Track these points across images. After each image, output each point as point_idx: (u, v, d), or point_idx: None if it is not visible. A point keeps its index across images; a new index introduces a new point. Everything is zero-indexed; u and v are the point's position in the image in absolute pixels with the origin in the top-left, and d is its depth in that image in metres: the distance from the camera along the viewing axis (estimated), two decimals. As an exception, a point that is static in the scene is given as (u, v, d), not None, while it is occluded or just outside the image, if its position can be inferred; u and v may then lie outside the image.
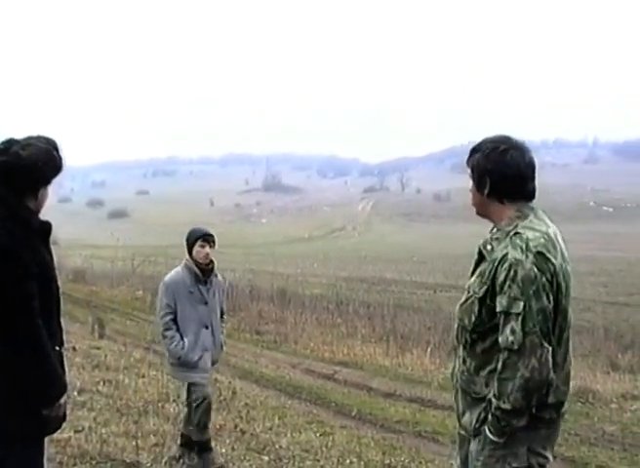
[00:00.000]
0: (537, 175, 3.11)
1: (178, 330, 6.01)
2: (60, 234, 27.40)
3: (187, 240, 6.17)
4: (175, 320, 6.02)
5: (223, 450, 6.59)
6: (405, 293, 33.11)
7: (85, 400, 7.72)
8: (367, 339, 16.31)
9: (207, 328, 6.07)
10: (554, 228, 3.02)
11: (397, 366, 12.76)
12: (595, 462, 6.98)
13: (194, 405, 6.16)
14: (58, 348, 3.33)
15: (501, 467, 2.94)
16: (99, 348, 11.92)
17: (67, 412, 3.44)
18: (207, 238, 6.11)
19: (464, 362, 3.09)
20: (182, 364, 5.97)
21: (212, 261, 6.17)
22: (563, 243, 3.02)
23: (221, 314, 6.37)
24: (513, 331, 2.78)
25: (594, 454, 7.23)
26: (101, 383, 8.39)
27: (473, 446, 3.07)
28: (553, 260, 2.85)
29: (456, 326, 3.17)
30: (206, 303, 6.08)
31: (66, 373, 3.89)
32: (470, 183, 3.18)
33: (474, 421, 3.02)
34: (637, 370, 13.74)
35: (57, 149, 3.22)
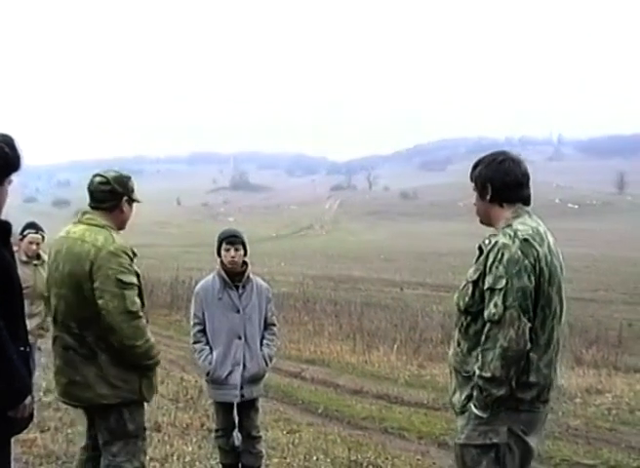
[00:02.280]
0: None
1: (208, 342, 5.52)
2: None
3: (217, 243, 5.68)
4: (204, 331, 5.53)
5: (190, 449, 6.58)
6: (372, 291, 33.22)
7: (51, 400, 7.66)
8: (334, 337, 16.32)
9: (240, 338, 5.47)
10: (545, 228, 3.38)
11: (364, 363, 12.79)
12: (559, 456, 7.03)
13: (213, 435, 5.88)
14: (22, 349, 3.33)
15: (482, 441, 3.26)
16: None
17: (34, 413, 3.45)
18: (231, 240, 5.57)
19: (458, 344, 3.43)
20: (212, 380, 5.50)
21: (245, 264, 5.62)
22: (554, 242, 3.38)
23: (266, 325, 5.71)
24: (496, 305, 3.12)
25: (558, 448, 7.29)
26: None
27: (459, 422, 3.40)
28: (537, 247, 3.20)
29: (455, 310, 3.50)
30: (238, 311, 5.48)
31: (32, 374, 3.93)
32: (474, 196, 3.59)
33: (462, 399, 3.34)
34: (601, 365, 13.88)
35: (10, 146, 3.16)
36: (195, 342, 5.56)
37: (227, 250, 5.53)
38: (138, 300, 4.05)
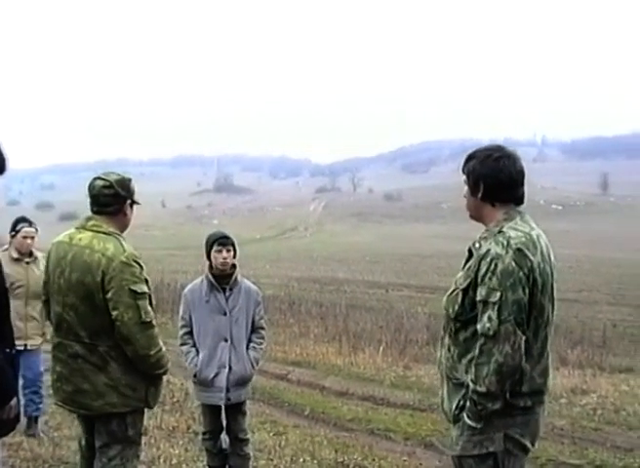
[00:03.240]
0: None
1: (194, 344, 5.54)
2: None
3: (205, 245, 5.65)
4: (191, 333, 5.56)
5: (177, 452, 6.57)
6: (357, 293, 33.27)
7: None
8: (320, 339, 16.34)
9: (226, 341, 5.47)
10: (538, 231, 3.28)
11: (350, 365, 12.80)
12: (545, 456, 7.06)
13: (200, 438, 5.94)
14: (8, 350, 3.32)
15: (479, 451, 3.17)
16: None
17: (20, 416, 3.44)
18: (223, 241, 5.57)
19: (449, 349, 3.34)
20: (199, 382, 5.53)
21: (233, 266, 5.60)
22: (546, 246, 3.27)
23: (255, 328, 5.71)
24: (490, 319, 3.02)
25: (544, 448, 7.30)
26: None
27: (453, 431, 3.30)
28: (531, 257, 3.09)
29: (444, 316, 3.40)
30: (225, 313, 5.47)
31: (18, 376, 3.92)
32: (465, 189, 3.43)
33: (454, 408, 3.27)
34: (586, 366, 13.95)
35: None
36: (182, 344, 5.58)
37: (219, 251, 5.51)
38: (150, 309, 4.04)
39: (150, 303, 4.07)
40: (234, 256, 5.62)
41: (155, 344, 4.03)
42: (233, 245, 5.63)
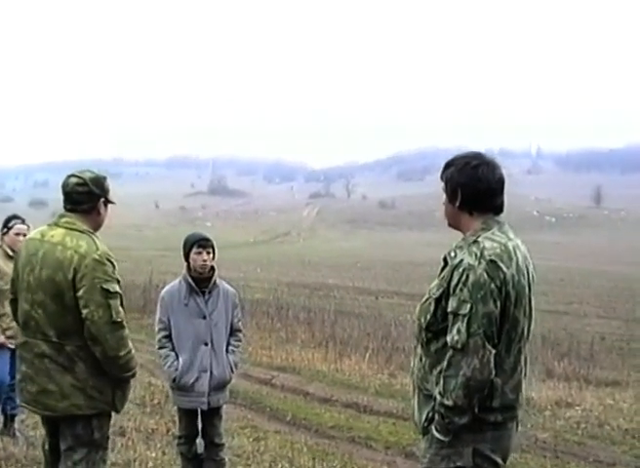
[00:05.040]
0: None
1: (173, 348, 5.43)
2: None
3: (184, 247, 5.53)
4: (170, 337, 5.44)
5: (154, 455, 6.51)
6: (346, 299, 33.21)
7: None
8: (306, 345, 16.26)
9: (206, 345, 5.40)
10: (516, 242, 3.18)
11: (335, 371, 12.71)
12: (527, 469, 7.03)
13: (176, 442, 5.83)
14: None
15: (446, 465, 3.10)
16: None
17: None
18: (203, 243, 5.46)
19: (421, 359, 3.26)
20: (179, 387, 5.42)
21: (212, 269, 5.52)
22: (524, 257, 3.16)
23: (232, 331, 5.64)
24: (459, 332, 2.95)
25: (526, 461, 7.26)
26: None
27: (422, 443, 3.26)
28: (505, 269, 2.99)
29: (416, 325, 3.32)
30: (204, 317, 5.40)
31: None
32: (443, 196, 3.34)
33: (423, 420, 3.20)
34: (572, 378, 13.90)
35: None
36: (160, 348, 5.49)
37: (199, 253, 5.43)
38: (122, 310, 3.98)
39: (121, 304, 4.00)
40: (213, 259, 5.55)
41: (125, 345, 3.96)
42: (213, 247, 5.55)
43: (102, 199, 4.16)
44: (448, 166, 3.33)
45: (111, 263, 3.95)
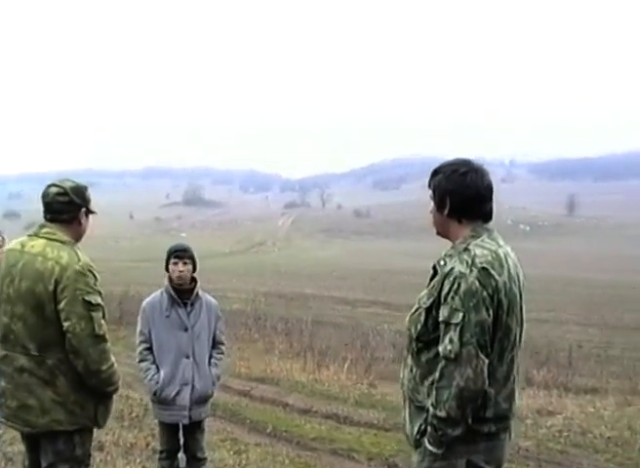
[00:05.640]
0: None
1: (154, 361, 5.33)
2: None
3: (165, 257, 5.48)
4: (151, 349, 5.34)
5: (133, 470, 6.41)
6: (324, 309, 33.11)
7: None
8: (284, 355, 16.12)
9: (188, 357, 5.30)
10: (506, 249, 3.12)
11: (314, 382, 12.59)
12: (510, 478, 6.98)
13: (157, 457, 5.68)
14: None
15: None
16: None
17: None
18: (179, 254, 5.38)
19: (411, 370, 3.19)
20: (160, 400, 5.33)
21: (194, 280, 5.45)
22: (514, 264, 3.10)
23: (215, 343, 5.56)
24: (451, 341, 2.89)
25: (509, 470, 7.22)
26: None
27: (414, 457, 3.18)
28: (497, 277, 2.93)
29: (407, 335, 3.24)
30: (186, 329, 5.31)
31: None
32: (431, 205, 3.27)
33: (415, 432, 3.12)
34: (551, 386, 13.88)
35: None
36: (141, 360, 5.38)
37: (175, 263, 5.36)
38: (104, 322, 3.88)
39: (103, 316, 3.90)
40: (194, 270, 5.47)
41: (107, 359, 3.87)
42: (192, 258, 5.46)
43: (84, 209, 4.05)
44: (435, 173, 3.28)
45: (93, 275, 3.85)
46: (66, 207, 3.95)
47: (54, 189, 3.96)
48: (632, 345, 24.65)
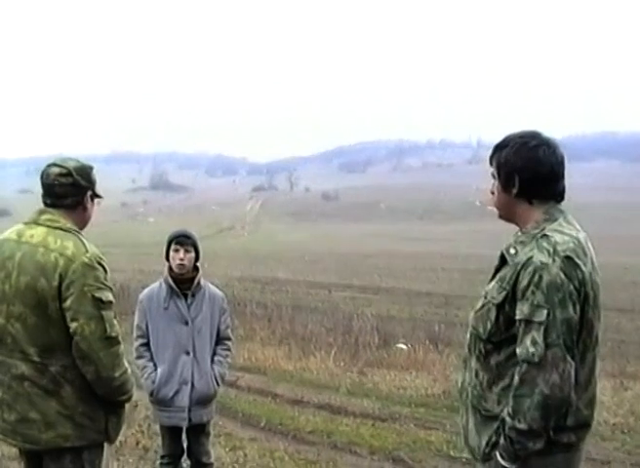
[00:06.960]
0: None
1: (152, 358, 4.94)
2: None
3: (166, 244, 5.07)
4: (148, 345, 4.94)
5: (127, 472, 6.06)
6: (300, 294, 32.87)
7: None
8: (267, 342, 15.77)
9: (188, 354, 4.91)
10: (585, 234, 2.69)
11: (301, 370, 12.28)
12: None
13: (159, 462, 5.25)
14: None
15: None
16: None
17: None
18: (181, 240, 4.98)
19: (477, 375, 2.80)
20: (157, 401, 4.94)
21: (196, 269, 5.05)
22: (593, 251, 2.68)
23: (219, 339, 5.17)
24: (534, 343, 2.50)
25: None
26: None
27: None
28: (583, 267, 2.54)
29: (468, 334, 2.85)
30: (186, 322, 4.90)
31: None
32: (493, 183, 2.89)
33: (484, 445, 2.72)
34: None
35: None
36: (138, 357, 4.98)
37: (176, 250, 4.95)
38: (116, 322, 3.36)
39: (115, 315, 3.41)
40: (197, 259, 5.06)
41: (120, 365, 3.37)
42: (195, 245, 5.04)
43: (89, 192, 3.58)
44: (500, 147, 2.87)
45: (103, 268, 3.36)
46: (70, 190, 3.47)
47: (55, 169, 3.48)
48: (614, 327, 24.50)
